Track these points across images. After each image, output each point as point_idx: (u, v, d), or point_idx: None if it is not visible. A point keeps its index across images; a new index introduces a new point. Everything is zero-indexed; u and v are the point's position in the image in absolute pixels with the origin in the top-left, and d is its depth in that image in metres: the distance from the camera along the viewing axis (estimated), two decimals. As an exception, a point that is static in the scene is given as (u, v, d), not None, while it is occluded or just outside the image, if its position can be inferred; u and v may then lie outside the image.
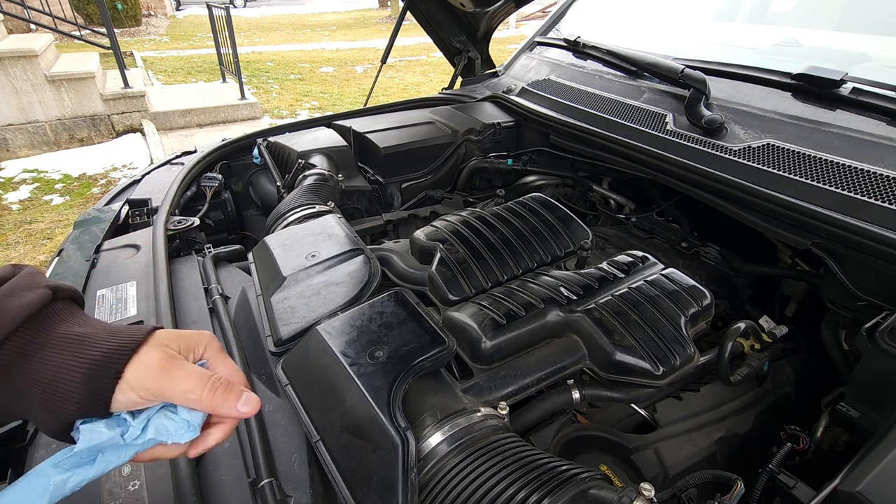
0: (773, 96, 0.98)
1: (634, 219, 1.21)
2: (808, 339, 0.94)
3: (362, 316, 0.73)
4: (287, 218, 1.07)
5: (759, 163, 0.86)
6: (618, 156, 1.09)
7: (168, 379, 0.44)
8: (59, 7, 5.71)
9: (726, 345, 0.74)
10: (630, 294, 0.73)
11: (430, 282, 0.81)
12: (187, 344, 0.49)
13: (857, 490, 0.49)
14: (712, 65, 1.11)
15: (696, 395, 0.78)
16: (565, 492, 0.50)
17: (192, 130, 5.04)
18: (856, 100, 0.86)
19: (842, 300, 0.81)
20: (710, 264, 1.07)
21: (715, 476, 0.62)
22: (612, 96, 1.20)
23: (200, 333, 0.52)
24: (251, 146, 1.41)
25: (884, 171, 0.75)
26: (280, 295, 0.80)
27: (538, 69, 1.51)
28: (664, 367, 0.64)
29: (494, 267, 0.82)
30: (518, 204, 0.96)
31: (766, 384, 0.82)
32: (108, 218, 1.15)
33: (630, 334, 0.67)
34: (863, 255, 0.73)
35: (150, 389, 0.44)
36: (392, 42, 1.87)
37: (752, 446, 0.76)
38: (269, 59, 8.60)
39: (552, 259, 0.87)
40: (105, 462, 0.44)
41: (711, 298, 0.75)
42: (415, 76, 7.49)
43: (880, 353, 0.61)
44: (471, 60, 1.81)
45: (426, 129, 1.37)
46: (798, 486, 0.61)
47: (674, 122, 1.04)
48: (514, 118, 1.42)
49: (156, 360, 0.45)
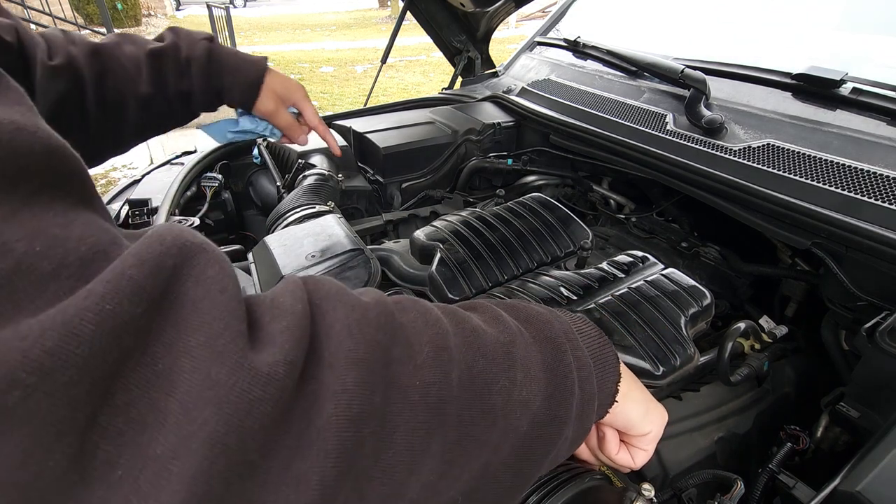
0: (773, 96, 0.98)
1: (634, 219, 1.21)
2: (808, 339, 0.94)
3: (362, 316, 0.73)
4: (287, 218, 1.07)
5: (759, 163, 0.86)
6: (618, 156, 1.09)
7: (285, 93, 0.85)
8: (58, 7, 5.72)
9: (726, 345, 0.74)
10: (630, 294, 0.73)
11: (430, 282, 0.81)
12: (286, 87, 0.84)
13: (857, 490, 0.49)
14: (712, 65, 1.11)
15: (696, 395, 0.78)
16: (565, 492, 0.50)
17: (192, 130, 5.03)
18: (856, 100, 0.86)
19: (842, 300, 0.81)
20: (710, 264, 1.07)
21: (715, 476, 0.62)
22: (612, 96, 1.20)
23: (297, 84, 0.86)
24: (251, 146, 1.41)
25: (884, 171, 0.75)
26: (280, 295, 0.80)
27: (538, 69, 1.51)
28: (664, 368, 0.64)
29: (494, 267, 0.82)
30: (518, 204, 0.96)
31: (766, 384, 0.82)
32: (107, 218, 1.15)
33: (630, 334, 0.67)
34: (863, 255, 0.73)
35: (277, 89, 0.83)
36: (392, 42, 1.87)
37: (752, 446, 0.76)
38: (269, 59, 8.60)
39: (552, 259, 0.87)
40: (244, 134, 0.87)
41: (711, 298, 0.75)
42: (415, 76, 7.48)
43: (880, 353, 0.61)
44: (471, 60, 1.81)
45: (426, 129, 1.37)
46: (798, 486, 0.61)
47: (674, 122, 1.04)
48: (514, 118, 1.42)
49: (278, 80, 0.84)
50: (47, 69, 0.62)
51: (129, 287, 0.22)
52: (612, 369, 0.46)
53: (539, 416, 0.39)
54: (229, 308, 0.26)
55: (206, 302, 0.25)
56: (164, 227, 0.27)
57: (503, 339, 0.39)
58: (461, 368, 0.35)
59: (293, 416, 0.26)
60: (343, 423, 0.27)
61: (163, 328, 0.24)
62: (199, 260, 0.26)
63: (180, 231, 0.27)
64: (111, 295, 0.22)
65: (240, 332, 0.25)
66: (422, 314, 0.36)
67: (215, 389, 0.23)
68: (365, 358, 0.29)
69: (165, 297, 0.24)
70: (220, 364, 0.24)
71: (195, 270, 0.26)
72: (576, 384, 0.41)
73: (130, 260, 0.23)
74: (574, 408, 0.41)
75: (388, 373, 0.31)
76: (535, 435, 0.39)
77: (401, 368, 0.31)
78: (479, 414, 0.35)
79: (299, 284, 0.32)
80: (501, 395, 0.36)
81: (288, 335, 0.27)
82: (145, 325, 0.23)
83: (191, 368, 0.23)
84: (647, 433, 0.49)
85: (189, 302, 0.25)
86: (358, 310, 0.32)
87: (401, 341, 0.33)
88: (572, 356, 0.42)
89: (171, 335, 0.24)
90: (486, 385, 0.36)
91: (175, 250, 0.25)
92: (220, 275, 0.27)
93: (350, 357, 0.29)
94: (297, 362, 0.27)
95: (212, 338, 0.24)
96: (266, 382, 0.25)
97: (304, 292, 0.31)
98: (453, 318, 0.38)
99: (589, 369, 0.44)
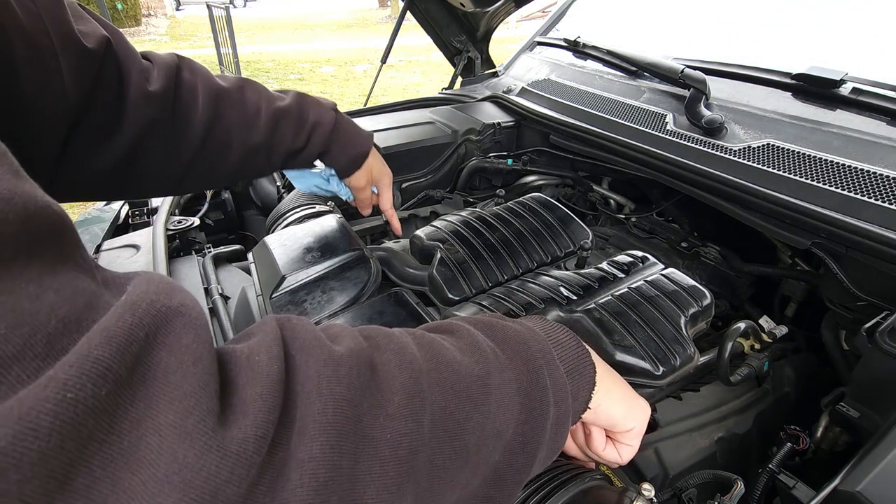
0: (773, 96, 0.98)
1: (634, 219, 1.21)
2: (808, 339, 0.94)
3: (362, 316, 0.73)
4: (287, 218, 1.07)
5: (759, 163, 0.86)
6: (618, 156, 1.08)
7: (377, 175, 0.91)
8: (59, 7, 5.71)
9: (726, 345, 0.74)
10: (630, 294, 0.73)
11: (430, 282, 0.81)
12: (379, 171, 0.91)
13: (857, 490, 0.49)
14: (712, 65, 1.11)
15: (696, 395, 0.78)
16: (565, 492, 0.50)
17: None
18: (856, 100, 0.86)
19: (842, 300, 0.81)
20: (710, 264, 1.07)
21: (715, 476, 0.62)
22: (612, 96, 1.20)
23: (387, 170, 0.93)
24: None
25: (884, 171, 0.75)
26: (280, 295, 0.80)
27: (538, 69, 1.51)
28: (664, 367, 0.64)
29: (494, 267, 0.82)
30: (518, 204, 0.96)
31: (766, 384, 0.82)
32: (107, 218, 1.15)
33: (630, 334, 0.67)
34: (863, 255, 0.73)
35: (373, 169, 0.88)
36: (392, 42, 1.87)
37: (752, 446, 0.76)
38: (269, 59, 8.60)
39: (552, 259, 0.87)
40: (326, 192, 0.91)
41: (711, 298, 0.75)
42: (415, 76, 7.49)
43: (880, 353, 0.61)
44: (471, 60, 1.81)
45: (426, 129, 1.37)
46: (798, 486, 0.61)
47: (674, 122, 1.04)
48: (514, 118, 1.42)
49: (376, 162, 0.90)
50: (142, 93, 0.59)
51: (95, 369, 0.22)
52: (587, 380, 0.47)
53: (512, 444, 0.40)
54: (202, 382, 0.25)
55: (178, 375, 0.25)
56: (140, 291, 0.26)
57: (478, 371, 0.39)
58: (434, 410, 0.35)
59: (259, 490, 0.26)
60: (309, 495, 0.27)
61: (131, 403, 0.23)
62: (174, 326, 0.26)
63: (158, 292, 0.27)
64: (74, 381, 0.21)
65: (209, 411, 0.25)
66: (396, 354, 0.36)
67: (182, 473, 0.23)
68: (334, 421, 0.29)
69: (135, 371, 0.24)
70: (188, 445, 0.23)
71: (169, 339, 0.25)
72: (551, 406, 0.42)
73: (97, 338, 0.23)
74: (548, 430, 0.42)
75: (357, 429, 0.30)
76: (507, 463, 0.39)
77: (371, 422, 0.31)
78: (451, 455, 0.35)
79: (277, 336, 0.32)
80: (474, 432, 0.37)
81: (261, 404, 0.27)
82: (111, 406, 0.22)
83: (158, 448, 0.23)
84: (631, 429, 0.51)
85: (161, 374, 0.24)
86: (330, 364, 0.31)
87: (372, 391, 0.32)
88: (548, 377, 0.43)
89: (139, 411, 0.23)
90: (459, 425, 0.36)
91: (148, 319, 0.25)
92: (195, 343, 0.26)
93: (318, 421, 0.29)
94: (268, 435, 0.27)
95: (181, 416, 0.24)
96: (235, 462, 0.24)
97: (281, 346, 0.31)
98: (429, 351, 0.38)
99: (564, 388, 0.44)
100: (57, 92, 0.48)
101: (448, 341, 0.41)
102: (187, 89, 0.65)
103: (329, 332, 0.36)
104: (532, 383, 0.41)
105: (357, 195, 0.91)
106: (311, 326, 0.35)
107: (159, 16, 13.24)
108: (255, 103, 0.72)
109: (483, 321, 0.46)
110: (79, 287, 0.25)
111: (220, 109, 0.68)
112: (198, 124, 0.66)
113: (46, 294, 0.23)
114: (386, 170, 0.92)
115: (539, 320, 0.50)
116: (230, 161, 0.72)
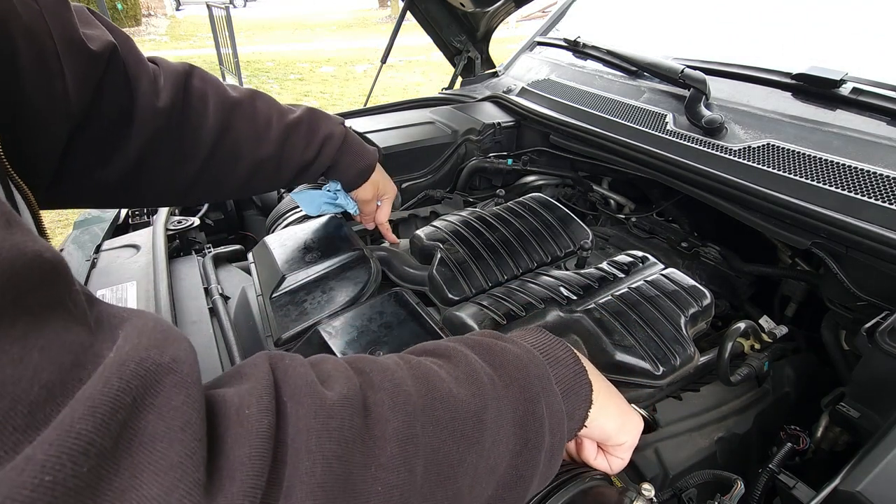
0: (773, 96, 0.98)
1: (634, 219, 1.21)
2: (808, 339, 0.94)
3: (362, 316, 0.73)
4: (287, 218, 1.07)
5: (759, 163, 0.86)
6: (618, 156, 1.08)
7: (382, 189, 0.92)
8: (59, 7, 5.71)
9: (726, 345, 0.74)
10: (630, 294, 0.73)
11: (430, 282, 0.81)
12: (384, 185, 0.92)
13: (857, 490, 0.49)
14: (712, 65, 1.11)
15: (696, 395, 0.78)
16: (565, 492, 0.50)
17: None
18: (856, 100, 0.86)
19: (842, 300, 0.81)
20: (710, 264, 1.07)
21: (715, 476, 0.62)
22: (612, 96, 1.20)
23: (393, 185, 0.95)
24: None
25: (884, 171, 0.75)
26: (280, 295, 0.80)
27: (538, 69, 1.51)
28: (664, 367, 0.64)
29: (494, 267, 0.82)
30: (518, 204, 0.96)
31: (766, 384, 0.82)
32: (108, 218, 1.15)
33: (630, 334, 0.67)
34: (863, 255, 0.73)
35: (379, 183, 0.90)
36: (392, 42, 1.87)
37: (752, 446, 0.76)
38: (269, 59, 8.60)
39: (552, 259, 0.87)
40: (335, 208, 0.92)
41: (711, 298, 0.75)
42: (415, 76, 7.49)
43: (880, 353, 0.61)
44: (471, 60, 1.81)
45: (426, 129, 1.37)
46: (798, 486, 0.61)
47: (674, 122, 1.04)
48: (514, 118, 1.42)
49: (381, 175, 0.91)
50: (151, 104, 0.58)
51: (77, 445, 0.21)
52: (584, 398, 0.47)
53: (505, 479, 0.39)
54: (189, 451, 0.24)
55: (165, 443, 0.24)
56: (131, 346, 0.25)
57: (474, 405, 0.38)
58: (427, 453, 0.34)
59: None
60: None
61: (115, 474, 0.22)
62: (164, 385, 0.25)
63: (149, 346, 0.26)
64: (52, 462, 0.20)
65: (196, 483, 0.24)
66: (390, 394, 0.35)
67: None
68: (322, 481, 0.29)
69: (120, 439, 0.23)
70: None
71: (158, 400, 0.24)
72: (546, 436, 0.41)
73: (81, 409, 0.22)
74: (542, 461, 0.41)
75: (347, 486, 0.30)
76: (499, 497, 0.39)
77: (362, 474, 0.31)
78: (442, 500, 0.35)
79: (269, 383, 0.31)
80: (468, 473, 0.36)
81: (249, 467, 0.26)
82: (93, 481, 0.21)
83: None
84: (623, 443, 0.51)
85: (147, 441, 0.23)
86: (321, 416, 0.30)
87: (364, 439, 0.32)
88: (545, 406, 0.42)
89: (123, 481, 0.22)
90: (453, 468, 0.35)
91: (136, 381, 0.24)
92: (185, 405, 0.25)
93: (306, 482, 0.28)
94: (256, 500, 0.26)
95: (167, 490, 0.23)
96: None
97: (272, 394, 0.30)
98: (424, 385, 0.37)
99: (560, 414, 0.43)
100: (58, 94, 0.47)
101: (444, 369, 0.40)
102: (197, 98, 0.64)
103: (321, 371, 0.35)
104: (528, 413, 0.41)
105: (363, 208, 0.93)
106: (304, 368, 0.34)
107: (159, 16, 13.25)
108: (266, 115, 0.71)
109: (482, 344, 0.45)
110: (66, 341, 0.24)
111: (231, 120, 0.67)
112: (207, 134, 0.65)
113: (31, 355, 0.22)
114: (391, 184, 0.94)
115: (538, 334, 0.50)
116: (238, 173, 0.71)
